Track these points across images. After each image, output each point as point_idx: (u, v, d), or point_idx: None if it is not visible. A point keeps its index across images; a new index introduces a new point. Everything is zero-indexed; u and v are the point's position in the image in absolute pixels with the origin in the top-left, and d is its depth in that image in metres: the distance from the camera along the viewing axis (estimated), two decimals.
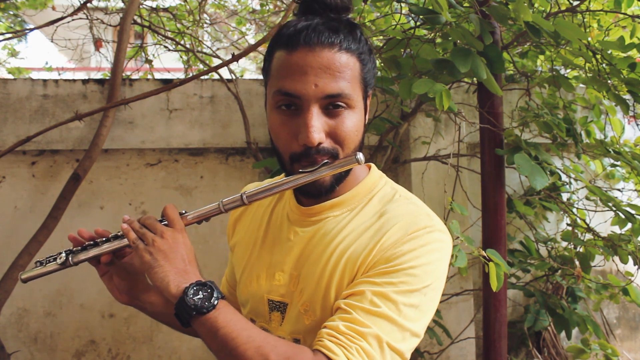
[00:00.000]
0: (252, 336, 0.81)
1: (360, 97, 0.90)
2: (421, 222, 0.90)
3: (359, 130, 0.90)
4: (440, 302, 2.50)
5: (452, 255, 1.54)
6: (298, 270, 0.95)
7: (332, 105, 0.86)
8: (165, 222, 0.94)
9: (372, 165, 1.04)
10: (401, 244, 0.87)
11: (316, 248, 0.94)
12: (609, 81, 1.93)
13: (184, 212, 0.96)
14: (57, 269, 0.99)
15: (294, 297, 0.95)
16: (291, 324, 0.95)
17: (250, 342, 0.80)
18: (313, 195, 0.92)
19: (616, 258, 2.12)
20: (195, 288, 0.83)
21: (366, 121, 0.95)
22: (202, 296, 0.82)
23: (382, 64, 2.09)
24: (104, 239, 0.98)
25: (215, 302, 0.82)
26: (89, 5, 2.65)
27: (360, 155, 0.87)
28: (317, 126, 0.85)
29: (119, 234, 0.97)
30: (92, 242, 0.98)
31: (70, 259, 0.98)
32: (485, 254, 1.58)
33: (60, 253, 0.99)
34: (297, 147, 0.87)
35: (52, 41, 3.25)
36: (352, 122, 0.88)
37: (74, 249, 0.99)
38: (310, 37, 0.85)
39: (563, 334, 2.33)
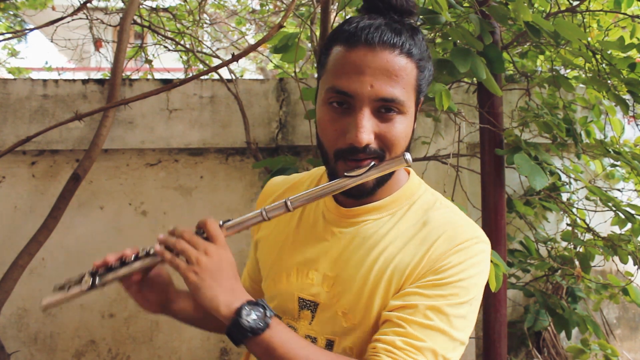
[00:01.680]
0: (311, 352, 0.82)
1: (412, 103, 0.89)
2: (467, 234, 0.90)
3: (408, 136, 0.90)
4: None
5: None
6: (335, 271, 0.94)
7: (384, 108, 0.85)
8: (205, 236, 0.89)
9: (411, 170, 1.02)
10: (449, 256, 0.87)
11: (357, 252, 0.93)
12: (609, 81, 1.93)
13: (221, 223, 0.90)
14: (83, 293, 0.90)
15: (328, 298, 0.94)
16: (323, 325, 0.95)
17: (310, 359, 0.81)
18: (354, 196, 0.91)
19: (616, 258, 2.12)
20: (247, 308, 0.82)
21: (415, 127, 0.94)
22: (255, 317, 0.81)
23: None
24: (132, 257, 0.91)
25: (269, 322, 0.82)
26: (89, 5, 2.65)
27: (408, 156, 0.88)
28: (367, 127, 0.84)
29: (150, 251, 0.91)
30: (119, 263, 0.91)
31: (97, 280, 0.90)
32: None
33: (83, 275, 0.90)
34: (343, 144, 0.86)
35: (52, 41, 3.25)
36: (402, 127, 0.88)
37: (99, 270, 0.91)
38: (372, 36, 0.83)
39: (563, 334, 2.33)
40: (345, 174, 0.87)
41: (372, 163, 0.87)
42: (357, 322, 0.91)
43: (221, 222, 0.90)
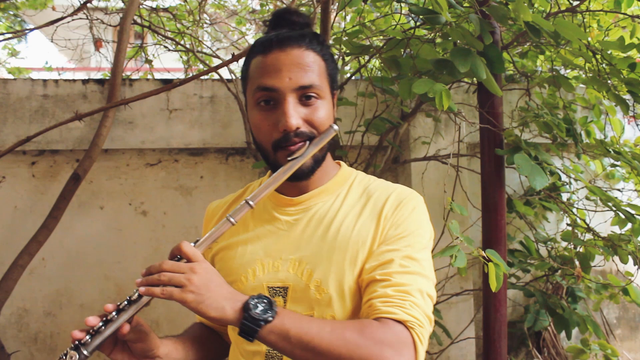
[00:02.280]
0: (321, 324, 0.89)
1: (328, 91, 1.04)
2: (404, 192, 1.06)
3: (330, 118, 1.03)
4: (440, 302, 2.50)
5: (451, 256, 1.57)
6: (299, 253, 1.02)
7: (305, 96, 0.99)
8: (183, 260, 0.91)
9: (342, 162, 1.17)
10: (401, 211, 1.02)
11: (316, 231, 1.03)
12: (609, 81, 1.93)
13: (193, 244, 0.94)
14: None
15: (296, 278, 1.01)
16: (298, 304, 1.01)
17: (322, 329, 0.87)
18: (298, 177, 1.02)
19: (616, 258, 2.12)
20: (253, 302, 0.87)
21: (335, 116, 1.08)
22: (263, 307, 0.87)
23: (382, 64, 2.09)
24: (114, 313, 0.89)
25: (277, 309, 0.88)
26: (89, 5, 2.65)
27: (335, 126, 1.01)
28: (294, 113, 0.97)
29: (131, 298, 0.90)
30: (100, 325, 0.88)
31: (83, 352, 0.86)
32: (484, 254, 1.58)
33: (66, 352, 0.86)
34: (277, 134, 0.99)
35: (52, 41, 3.25)
36: (324, 110, 1.01)
37: (83, 340, 0.88)
38: (281, 40, 0.99)
39: (563, 334, 2.33)
40: (289, 158, 0.99)
41: (307, 142, 0.99)
42: (330, 293, 0.99)
43: (193, 243, 0.94)
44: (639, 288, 2.16)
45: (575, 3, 2.11)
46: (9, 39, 3.77)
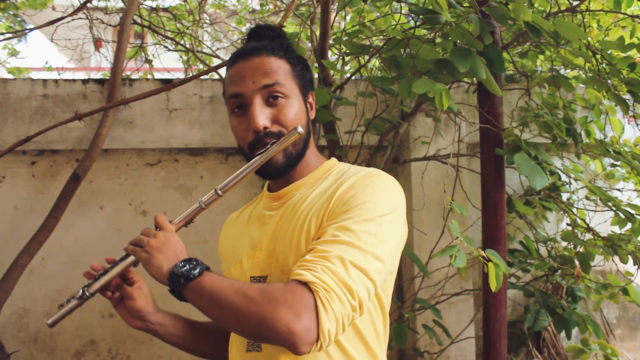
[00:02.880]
0: (232, 283, 0.91)
1: (296, 90, 1.08)
2: (369, 172, 1.04)
3: (300, 116, 1.06)
4: (440, 302, 2.51)
5: (451, 256, 1.57)
6: (273, 244, 1.06)
7: (272, 96, 1.04)
8: (158, 229, 1.05)
9: (333, 158, 1.19)
10: (354, 189, 0.99)
11: (287, 220, 1.06)
12: (609, 81, 1.93)
13: (171, 220, 1.07)
14: (78, 304, 1.11)
15: (272, 266, 1.05)
16: None
17: (230, 288, 0.89)
18: (272, 174, 1.07)
19: (616, 258, 2.12)
20: (182, 263, 0.94)
21: (311, 117, 1.13)
22: (188, 267, 0.93)
23: (382, 64, 2.09)
24: (110, 266, 1.08)
25: (201, 270, 0.93)
26: (89, 5, 2.65)
27: (300, 128, 1.03)
28: (261, 114, 1.02)
29: (124, 255, 1.07)
30: (102, 272, 1.09)
31: (86, 291, 1.09)
32: (484, 254, 1.58)
33: (78, 290, 1.10)
34: (250, 136, 1.04)
35: (52, 41, 3.25)
36: (292, 108, 1.05)
37: (88, 282, 1.10)
38: (244, 51, 1.07)
39: (563, 334, 2.33)
40: (255, 153, 1.04)
41: (273, 141, 1.03)
42: (291, 273, 0.98)
43: (171, 220, 1.07)
44: (639, 288, 2.16)
45: (575, 3, 2.11)
46: (9, 39, 3.77)
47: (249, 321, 0.85)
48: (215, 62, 3.15)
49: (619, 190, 2.77)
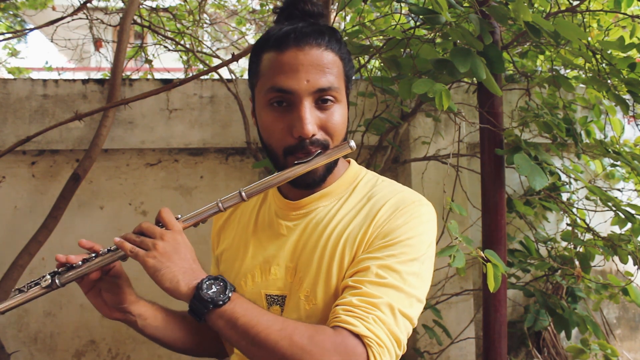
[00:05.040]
0: (272, 320, 0.83)
1: (344, 92, 0.98)
2: (409, 198, 0.97)
3: (345, 123, 0.98)
4: (440, 302, 2.50)
5: (450, 256, 1.57)
6: (294, 261, 0.98)
7: (322, 99, 0.93)
8: (162, 226, 0.94)
9: (352, 160, 1.11)
10: (395, 219, 0.93)
11: (311, 237, 0.98)
12: (609, 81, 1.93)
13: (179, 216, 0.96)
14: (42, 293, 0.92)
15: (292, 287, 0.97)
16: (290, 314, 0.97)
17: (272, 326, 0.82)
18: (308, 185, 0.97)
19: (616, 258, 2.12)
20: (207, 282, 0.85)
21: (348, 115, 1.03)
22: (215, 290, 0.84)
23: (382, 64, 2.09)
24: (93, 255, 0.94)
25: (230, 294, 0.84)
26: (89, 5, 2.65)
27: (352, 143, 0.94)
28: (311, 119, 0.91)
29: (111, 248, 0.94)
30: (80, 262, 0.94)
31: (56, 280, 0.92)
32: (483, 255, 1.58)
33: (44, 276, 0.92)
34: (291, 140, 0.92)
35: (52, 41, 3.25)
36: (340, 115, 0.95)
37: (60, 269, 0.94)
38: (299, 37, 0.91)
39: (563, 334, 2.33)
40: (295, 162, 0.93)
41: (319, 151, 0.93)
42: (317, 303, 0.94)
43: (179, 216, 0.96)
44: (638, 288, 2.16)
45: (575, 3, 2.11)
46: (9, 39, 3.77)
47: None
48: (215, 62, 3.15)
49: (619, 190, 2.77)
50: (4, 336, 2.30)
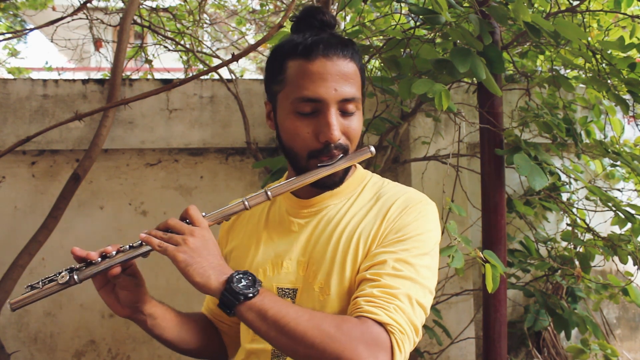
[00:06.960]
0: (300, 311, 0.88)
1: (361, 100, 1.04)
2: (416, 197, 1.06)
3: (361, 128, 1.05)
4: (440, 302, 2.50)
5: (449, 256, 1.58)
6: (306, 256, 1.04)
7: (345, 107, 1.00)
8: (189, 223, 0.97)
9: (357, 164, 1.16)
10: (406, 216, 1.01)
11: (323, 233, 1.04)
12: (609, 81, 1.93)
13: (204, 214, 0.99)
14: (59, 289, 0.93)
15: (305, 280, 1.03)
16: (303, 305, 1.01)
17: (300, 316, 0.87)
18: (329, 186, 1.05)
19: (616, 258, 2.12)
20: (237, 277, 0.89)
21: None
22: (245, 283, 0.89)
23: (382, 64, 2.09)
24: (114, 252, 0.96)
25: (259, 287, 0.89)
26: (89, 5, 2.65)
27: (372, 148, 1.03)
28: (337, 125, 0.98)
29: (133, 244, 0.96)
30: (99, 259, 0.95)
31: (75, 276, 0.93)
32: (482, 255, 1.58)
33: (60, 272, 0.93)
34: (317, 144, 0.99)
35: (52, 41, 3.25)
36: (359, 121, 1.03)
37: (78, 266, 0.96)
38: (327, 48, 0.98)
39: (563, 334, 2.33)
40: (319, 165, 1.00)
41: (341, 155, 1.00)
42: (331, 294, 1.00)
43: (204, 214, 0.99)
44: (638, 288, 2.16)
45: (575, 3, 2.11)
46: (9, 39, 3.77)
47: (325, 356, 0.84)
48: (215, 62, 3.15)
49: (619, 190, 2.77)
50: (4, 336, 2.30)
